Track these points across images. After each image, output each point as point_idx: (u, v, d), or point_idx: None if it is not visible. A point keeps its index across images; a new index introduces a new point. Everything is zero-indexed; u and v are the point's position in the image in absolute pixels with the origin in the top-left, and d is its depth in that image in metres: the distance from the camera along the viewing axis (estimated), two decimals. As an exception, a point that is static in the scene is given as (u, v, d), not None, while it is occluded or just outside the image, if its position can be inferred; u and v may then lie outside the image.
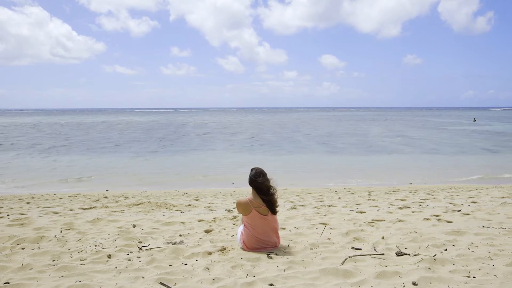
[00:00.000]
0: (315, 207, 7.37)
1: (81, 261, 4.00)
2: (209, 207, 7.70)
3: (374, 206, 7.33)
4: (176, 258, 4.11)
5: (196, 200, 8.86)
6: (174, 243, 4.61)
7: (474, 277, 3.36)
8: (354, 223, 5.55)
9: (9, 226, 5.69)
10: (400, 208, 6.94)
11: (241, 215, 4.47)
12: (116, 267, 3.76)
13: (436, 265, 3.64)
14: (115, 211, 7.23)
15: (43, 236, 4.95)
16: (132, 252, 4.30)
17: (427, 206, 7.19)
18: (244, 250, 4.31)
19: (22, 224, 5.79)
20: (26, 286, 3.31)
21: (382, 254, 4.02)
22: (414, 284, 3.22)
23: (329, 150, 22.20)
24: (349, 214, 6.38)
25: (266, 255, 4.08)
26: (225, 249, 4.37)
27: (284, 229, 5.23)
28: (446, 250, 4.15)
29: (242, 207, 4.31)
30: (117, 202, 8.58)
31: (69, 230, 5.38)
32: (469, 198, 8.19)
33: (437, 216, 5.97)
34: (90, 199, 9.16)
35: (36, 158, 18.89)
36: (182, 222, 5.81)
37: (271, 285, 3.30)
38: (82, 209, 7.62)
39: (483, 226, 5.16)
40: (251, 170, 4.39)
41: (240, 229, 4.51)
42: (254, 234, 4.28)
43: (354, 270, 3.53)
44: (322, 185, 12.08)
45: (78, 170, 15.49)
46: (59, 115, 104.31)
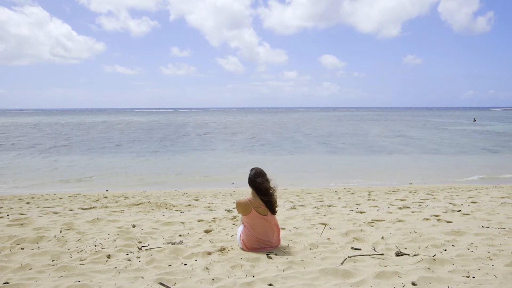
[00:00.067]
0: (315, 207, 7.36)
1: (80, 261, 4.00)
2: (208, 207, 7.69)
3: (374, 206, 7.33)
4: (175, 258, 4.11)
5: (196, 200, 8.86)
6: (173, 243, 4.61)
7: (474, 277, 3.36)
8: (354, 223, 5.55)
9: (8, 226, 5.70)
10: (400, 208, 6.94)
11: (240, 215, 4.47)
12: (115, 267, 3.76)
13: (435, 265, 3.64)
14: (115, 211, 7.23)
15: (43, 236, 4.95)
16: (131, 252, 4.30)
17: (427, 206, 7.19)
18: (243, 250, 4.31)
19: (21, 224, 5.79)
20: (25, 286, 3.31)
21: (382, 254, 4.02)
22: (414, 284, 3.21)
23: (329, 150, 22.21)
24: (348, 214, 6.38)
25: (266, 255, 4.08)
26: (224, 249, 4.37)
27: (283, 229, 5.22)
28: (446, 250, 4.15)
29: (242, 207, 4.32)
30: (117, 202, 8.59)
31: (68, 230, 5.38)
32: (469, 198, 8.19)
33: (436, 216, 5.97)
34: (90, 199, 9.17)
35: (36, 158, 18.90)
36: (182, 222, 5.82)
37: (271, 285, 3.30)
38: (82, 209, 7.62)
39: (483, 226, 5.15)
40: (251, 170, 4.39)
41: (239, 229, 4.51)
42: (254, 234, 4.28)
43: (353, 270, 3.53)
44: (322, 185, 12.08)
45: (79, 170, 15.51)
46: (59, 115, 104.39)
